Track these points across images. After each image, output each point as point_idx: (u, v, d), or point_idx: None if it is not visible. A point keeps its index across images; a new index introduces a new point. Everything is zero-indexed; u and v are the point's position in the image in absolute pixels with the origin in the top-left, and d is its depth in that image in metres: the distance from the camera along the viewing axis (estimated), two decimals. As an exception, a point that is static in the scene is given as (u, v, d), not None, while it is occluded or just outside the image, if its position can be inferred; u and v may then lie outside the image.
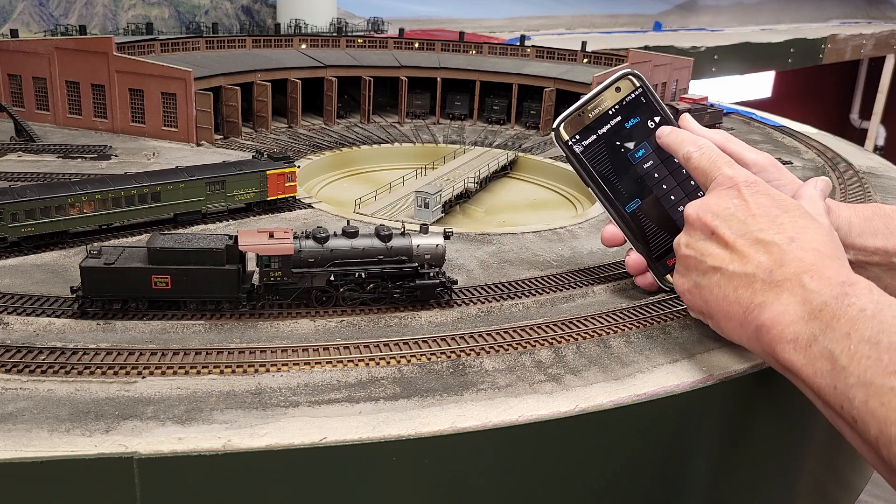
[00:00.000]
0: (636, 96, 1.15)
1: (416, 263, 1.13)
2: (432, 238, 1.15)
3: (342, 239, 1.12)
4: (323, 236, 1.10)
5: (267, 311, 1.10)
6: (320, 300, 1.11)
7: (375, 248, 1.12)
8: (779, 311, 0.85)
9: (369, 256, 1.11)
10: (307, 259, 1.09)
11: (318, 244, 1.10)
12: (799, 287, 0.85)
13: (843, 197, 1.88)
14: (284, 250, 1.08)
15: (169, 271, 1.05)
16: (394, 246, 1.12)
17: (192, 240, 1.08)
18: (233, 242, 1.08)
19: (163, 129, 2.11)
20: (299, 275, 1.09)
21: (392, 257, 1.12)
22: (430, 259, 1.13)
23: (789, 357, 0.82)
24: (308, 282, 1.10)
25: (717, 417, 1.02)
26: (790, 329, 0.83)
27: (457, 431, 0.85)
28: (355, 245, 1.12)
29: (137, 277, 1.05)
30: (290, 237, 1.09)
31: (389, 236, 1.13)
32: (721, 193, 1.00)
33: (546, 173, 2.26)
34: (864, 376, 0.73)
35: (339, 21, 3.50)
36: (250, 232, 1.10)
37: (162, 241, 1.07)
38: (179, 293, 1.07)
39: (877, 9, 7.96)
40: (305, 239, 1.11)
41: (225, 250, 1.07)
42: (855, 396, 0.74)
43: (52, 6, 3.32)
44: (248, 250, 1.08)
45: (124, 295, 1.06)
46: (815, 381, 0.79)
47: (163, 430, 0.81)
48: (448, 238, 1.16)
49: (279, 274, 1.08)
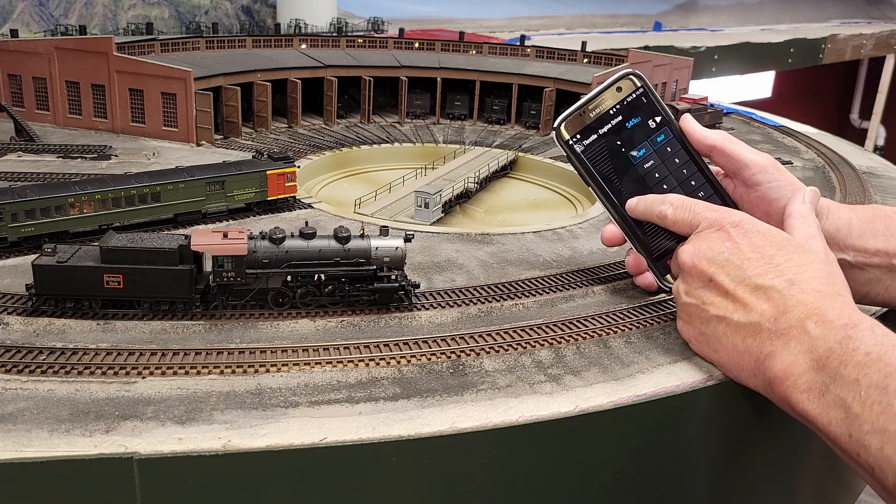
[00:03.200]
0: (637, 96, 1.15)
1: (375, 266, 1.11)
2: (392, 241, 1.13)
3: (298, 240, 1.11)
4: (279, 237, 1.09)
5: (260, 311, 1.10)
6: (276, 301, 1.10)
7: (332, 250, 1.10)
8: (789, 361, 0.85)
9: (326, 258, 1.10)
10: (262, 260, 1.08)
11: (273, 245, 1.09)
12: (804, 334, 0.85)
13: (843, 197, 1.88)
14: (237, 251, 1.06)
15: (121, 271, 1.05)
16: (351, 248, 1.11)
17: (146, 239, 1.07)
18: (186, 242, 1.07)
19: (163, 129, 2.11)
20: (254, 276, 1.08)
21: (349, 259, 1.10)
22: (389, 262, 1.12)
23: (804, 407, 0.82)
24: (263, 283, 1.09)
25: (717, 418, 1.02)
26: (803, 379, 0.83)
27: (457, 432, 0.85)
28: (312, 246, 1.10)
29: (89, 276, 1.05)
30: (245, 237, 1.08)
31: (347, 238, 1.11)
32: (711, 236, 1.00)
33: (546, 173, 2.26)
34: (877, 423, 0.74)
35: (339, 21, 3.50)
36: (204, 232, 1.09)
37: (115, 240, 1.06)
38: (132, 293, 1.06)
39: (877, 9, 7.96)
40: (261, 239, 1.09)
41: (178, 250, 1.05)
42: (870, 444, 0.74)
43: (52, 6, 3.32)
44: (200, 250, 1.06)
45: (77, 293, 1.05)
46: (831, 430, 0.79)
47: (163, 431, 0.81)
48: (409, 241, 1.14)
49: (233, 274, 1.07)
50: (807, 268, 0.92)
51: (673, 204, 1.07)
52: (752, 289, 0.92)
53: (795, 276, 0.91)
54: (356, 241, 1.12)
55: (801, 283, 0.90)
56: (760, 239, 0.96)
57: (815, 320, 0.85)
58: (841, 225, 1.11)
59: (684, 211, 1.05)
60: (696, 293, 0.99)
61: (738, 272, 0.94)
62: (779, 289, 0.90)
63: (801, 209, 1.05)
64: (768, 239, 0.96)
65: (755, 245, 0.96)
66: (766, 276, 0.92)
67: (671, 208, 1.07)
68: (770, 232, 0.98)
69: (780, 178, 1.12)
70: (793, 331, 0.86)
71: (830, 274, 0.93)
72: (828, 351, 0.81)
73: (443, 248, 1.44)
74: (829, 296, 0.88)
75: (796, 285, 0.90)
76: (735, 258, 0.96)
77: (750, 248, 0.95)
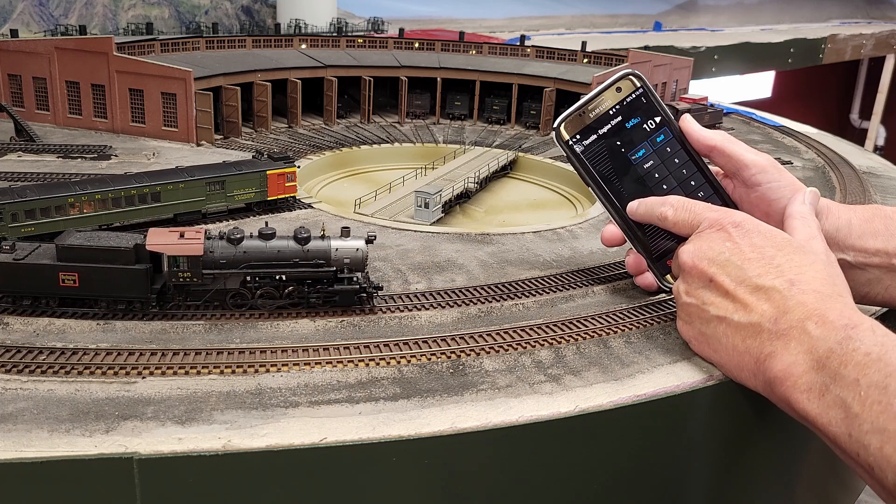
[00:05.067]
0: (637, 96, 1.15)
1: (334, 267, 1.10)
2: (352, 242, 1.11)
3: (257, 240, 1.10)
4: (237, 237, 1.08)
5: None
6: (235, 302, 1.10)
7: (291, 251, 1.09)
8: (789, 361, 0.85)
9: (285, 259, 1.09)
10: (219, 260, 1.07)
11: (230, 245, 1.08)
12: (804, 335, 0.85)
13: (843, 197, 1.88)
14: (192, 251, 1.06)
15: (76, 269, 1.04)
16: (310, 249, 1.10)
17: (103, 238, 1.06)
18: (142, 242, 1.06)
19: (163, 129, 2.11)
20: (211, 276, 1.07)
21: (309, 261, 1.09)
22: (349, 263, 1.10)
23: (804, 407, 0.82)
24: (221, 283, 1.08)
25: (717, 418, 1.02)
26: (803, 379, 0.83)
27: (457, 432, 0.85)
28: (270, 247, 1.09)
29: (45, 274, 1.04)
30: (201, 238, 1.07)
31: (307, 239, 1.10)
32: (712, 236, 1.00)
33: (546, 173, 2.26)
34: (877, 423, 0.74)
35: (339, 21, 3.50)
36: (160, 231, 1.08)
37: (72, 238, 1.06)
38: (88, 291, 1.05)
39: (877, 9, 7.96)
40: (219, 240, 1.08)
41: (133, 249, 1.05)
42: (870, 443, 0.74)
43: (52, 6, 3.32)
44: (154, 250, 1.06)
45: (33, 291, 1.05)
46: (831, 430, 0.79)
47: (163, 431, 0.81)
48: (370, 242, 1.13)
49: (189, 275, 1.06)
50: (807, 268, 0.92)
51: (673, 205, 1.07)
52: (752, 289, 0.93)
53: (796, 276, 0.91)
54: (316, 242, 1.10)
55: (802, 283, 0.90)
56: (761, 239, 0.96)
57: (816, 321, 0.85)
58: (841, 225, 1.11)
59: (684, 212, 1.05)
60: (696, 293, 1.00)
61: (739, 272, 0.94)
62: (779, 289, 0.90)
63: (802, 210, 1.05)
64: (769, 239, 0.96)
65: (756, 245, 0.96)
66: (766, 277, 0.92)
67: (671, 210, 1.07)
68: (771, 232, 0.98)
69: (780, 179, 1.12)
70: (793, 331, 0.86)
71: (831, 275, 0.93)
72: (828, 351, 0.81)
73: (443, 248, 1.45)
74: (829, 296, 0.88)
75: (797, 286, 0.90)
76: (735, 258, 0.96)
77: (750, 249, 0.95)
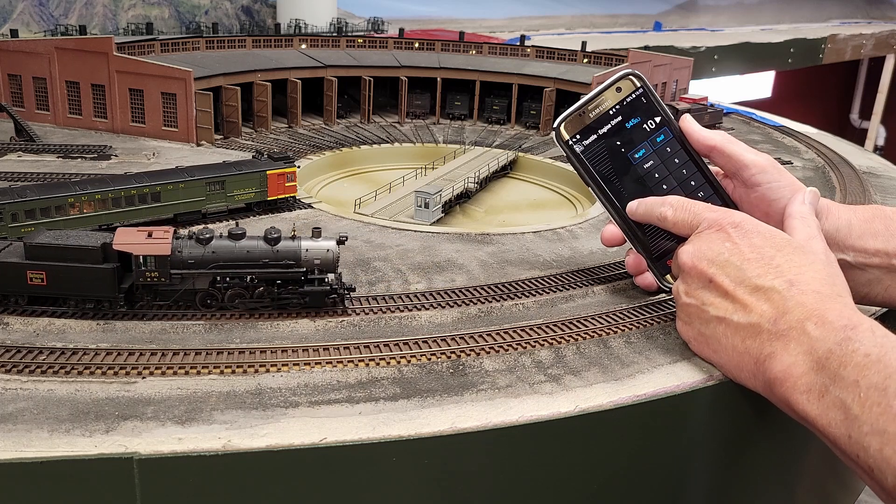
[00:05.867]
0: (637, 96, 1.15)
1: (305, 268, 1.09)
2: (323, 243, 1.11)
3: (226, 240, 1.09)
4: (205, 237, 1.07)
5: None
6: (204, 303, 1.09)
7: (261, 252, 1.08)
8: (789, 362, 0.85)
9: (254, 260, 1.08)
10: (187, 260, 1.06)
11: (199, 245, 1.07)
12: (804, 335, 0.85)
13: (843, 197, 1.88)
14: (159, 250, 1.05)
15: (44, 268, 1.04)
16: (280, 249, 1.09)
17: (72, 237, 1.06)
18: (109, 241, 1.05)
19: (163, 129, 2.11)
20: (179, 276, 1.07)
21: (278, 261, 1.08)
22: (320, 264, 1.09)
23: (804, 408, 0.82)
24: (190, 283, 1.08)
25: (717, 418, 1.02)
26: (802, 380, 0.83)
27: (457, 432, 0.85)
28: (239, 247, 1.08)
29: (13, 272, 1.04)
30: (169, 237, 1.06)
31: (277, 239, 1.09)
32: (711, 237, 1.00)
33: (546, 173, 2.26)
34: (876, 424, 0.74)
35: (339, 21, 3.50)
36: (129, 231, 1.08)
37: (40, 237, 1.05)
38: (56, 290, 1.05)
39: (877, 9, 7.96)
40: (187, 239, 1.08)
41: (101, 248, 1.04)
42: (870, 445, 0.74)
43: (52, 6, 3.32)
44: (121, 249, 1.05)
45: (1, 289, 1.05)
46: (831, 431, 0.79)
47: (163, 431, 0.81)
48: (342, 243, 1.12)
49: (156, 274, 1.06)
50: (807, 269, 0.92)
51: (672, 205, 1.07)
52: (751, 289, 0.92)
53: (795, 276, 0.91)
54: (286, 243, 1.10)
55: (801, 284, 0.90)
56: (760, 240, 0.96)
57: (815, 321, 0.85)
58: (840, 225, 1.11)
59: (684, 212, 1.05)
60: (695, 294, 1.00)
61: (738, 273, 0.94)
62: (779, 290, 0.90)
63: (801, 210, 1.05)
64: (768, 240, 0.96)
65: (755, 246, 0.96)
66: (765, 277, 0.92)
67: (671, 210, 1.07)
68: (770, 233, 0.98)
69: (780, 179, 1.12)
70: (792, 332, 0.86)
71: (830, 275, 0.93)
72: (827, 352, 0.81)
73: (443, 248, 1.45)
74: (829, 297, 0.88)
75: (796, 286, 0.90)
76: (735, 259, 0.96)
77: (750, 249, 0.95)
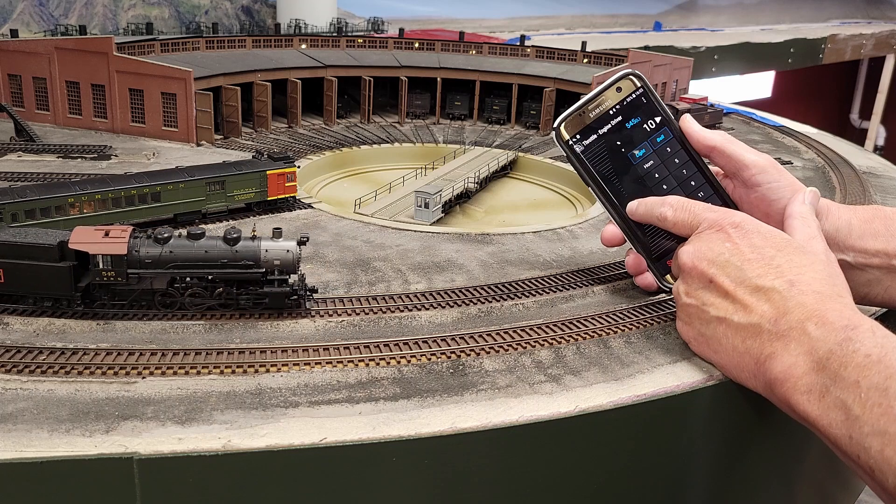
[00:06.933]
0: (637, 96, 1.15)
1: (264, 269, 1.08)
2: (283, 243, 1.09)
3: (184, 240, 1.08)
4: (164, 237, 1.06)
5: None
6: (163, 303, 1.08)
7: (219, 252, 1.07)
8: (790, 362, 0.85)
9: (212, 260, 1.07)
10: (144, 259, 1.05)
11: (157, 245, 1.06)
12: (804, 336, 0.85)
13: (843, 197, 1.88)
14: (115, 250, 1.04)
15: (2, 265, 1.03)
16: (239, 250, 1.08)
17: (30, 235, 1.05)
18: (66, 239, 1.05)
19: (163, 129, 2.11)
20: (136, 276, 1.06)
21: (237, 262, 1.07)
22: (280, 265, 1.08)
23: (805, 409, 0.82)
24: (147, 283, 1.07)
25: (717, 418, 1.02)
26: (803, 381, 0.83)
27: (457, 432, 0.85)
28: (198, 247, 1.07)
29: None
30: (126, 237, 1.05)
31: (236, 240, 1.08)
32: (711, 237, 1.00)
33: (546, 173, 2.26)
34: (877, 425, 0.74)
35: (339, 21, 3.50)
36: (86, 230, 1.06)
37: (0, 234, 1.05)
38: (13, 287, 1.05)
39: (877, 9, 7.96)
40: (145, 239, 1.07)
41: (57, 247, 1.04)
42: (871, 446, 0.74)
43: (52, 6, 3.32)
44: (77, 248, 1.04)
45: None
46: (831, 432, 0.79)
47: (163, 431, 0.81)
48: (303, 244, 1.11)
49: (112, 274, 1.05)
50: (807, 269, 0.92)
51: (672, 205, 1.07)
52: (752, 290, 0.92)
53: (796, 277, 0.91)
54: (245, 243, 1.08)
55: (802, 284, 0.90)
56: (760, 240, 0.96)
57: (816, 322, 0.85)
58: (841, 225, 1.11)
59: (684, 212, 1.05)
60: (696, 294, 0.99)
61: (739, 273, 0.94)
62: (779, 290, 0.90)
63: (802, 210, 1.05)
64: (768, 240, 0.96)
65: (755, 246, 0.96)
66: (766, 278, 0.92)
67: (671, 210, 1.07)
68: (770, 233, 0.98)
69: (780, 179, 1.12)
70: (793, 332, 0.86)
71: (831, 275, 0.92)
72: (828, 352, 0.81)
73: (443, 248, 1.45)
74: (829, 297, 0.88)
75: (796, 286, 0.90)
76: (735, 259, 0.96)
77: (750, 249, 0.95)
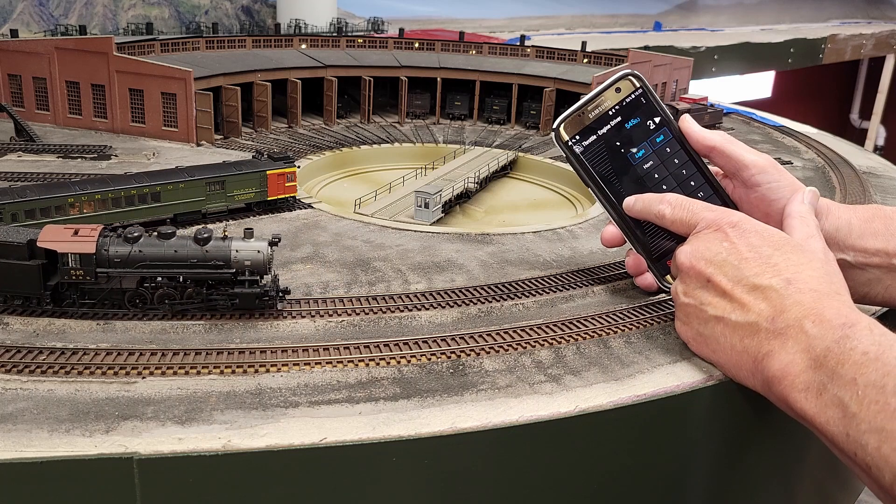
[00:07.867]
0: (636, 97, 1.15)
1: (235, 270, 1.07)
2: (255, 244, 1.08)
3: (154, 239, 1.07)
4: (133, 236, 1.06)
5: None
6: (133, 302, 1.08)
7: (190, 252, 1.07)
8: (787, 360, 0.85)
9: (182, 260, 1.06)
10: (113, 259, 1.05)
11: (126, 244, 1.06)
12: (802, 333, 0.85)
13: (843, 197, 1.88)
14: (83, 248, 1.04)
15: None
16: (210, 250, 1.07)
17: (0, 233, 1.04)
18: (36, 237, 1.04)
19: (163, 129, 2.11)
20: (105, 275, 1.05)
21: (208, 262, 1.07)
22: (250, 266, 1.07)
23: (802, 406, 0.82)
24: (117, 283, 1.06)
25: (717, 418, 1.02)
26: (800, 378, 0.83)
27: (457, 432, 0.85)
28: (167, 247, 1.07)
29: None
30: (95, 235, 1.05)
31: (206, 240, 1.07)
32: (709, 237, 1.00)
33: (546, 173, 2.26)
34: (874, 422, 0.74)
35: (339, 21, 3.50)
36: (55, 228, 1.06)
37: None
38: None
39: (877, 9, 7.96)
40: (115, 238, 1.06)
41: (26, 245, 1.03)
42: (868, 443, 0.74)
43: (52, 6, 3.33)
44: (45, 247, 1.04)
45: None
46: (829, 429, 0.79)
47: (163, 431, 0.81)
48: (275, 245, 1.10)
49: (81, 273, 1.04)
50: (804, 267, 0.92)
51: (671, 203, 1.07)
52: (749, 289, 0.93)
53: (793, 275, 0.91)
54: (216, 243, 1.08)
55: (799, 282, 0.90)
56: (758, 239, 0.96)
57: (813, 319, 0.85)
58: (840, 225, 1.11)
59: (682, 211, 1.05)
60: (694, 294, 1.00)
61: (736, 272, 0.94)
62: (776, 288, 0.90)
63: (801, 209, 1.05)
64: (766, 239, 0.96)
65: (752, 245, 0.96)
66: (763, 276, 0.92)
67: (669, 207, 1.07)
68: (767, 232, 0.98)
69: (780, 179, 1.12)
70: (790, 330, 0.86)
71: (828, 273, 0.93)
72: (825, 350, 0.81)
73: (443, 248, 1.45)
74: (826, 295, 0.88)
75: (794, 284, 0.90)
76: (732, 258, 0.96)
77: (747, 248, 0.95)
